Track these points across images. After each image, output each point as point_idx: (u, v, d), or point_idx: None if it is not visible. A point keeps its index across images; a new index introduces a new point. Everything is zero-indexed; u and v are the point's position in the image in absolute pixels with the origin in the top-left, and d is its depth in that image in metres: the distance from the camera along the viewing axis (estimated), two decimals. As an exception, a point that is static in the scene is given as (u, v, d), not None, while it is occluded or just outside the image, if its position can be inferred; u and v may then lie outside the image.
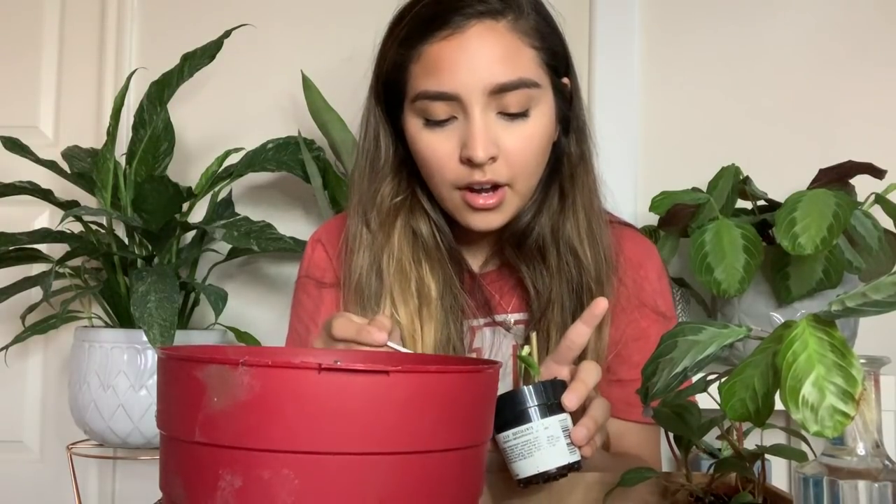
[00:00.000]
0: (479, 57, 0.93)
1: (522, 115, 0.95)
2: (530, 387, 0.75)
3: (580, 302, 1.01)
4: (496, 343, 1.06)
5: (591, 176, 1.05)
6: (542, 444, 0.74)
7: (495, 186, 0.96)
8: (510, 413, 0.74)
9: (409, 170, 1.04)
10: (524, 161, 0.96)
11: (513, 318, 1.07)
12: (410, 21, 0.98)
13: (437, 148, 0.96)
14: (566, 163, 1.04)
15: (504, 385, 1.02)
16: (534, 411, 0.74)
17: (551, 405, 0.75)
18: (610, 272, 1.04)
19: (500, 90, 0.93)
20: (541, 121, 0.97)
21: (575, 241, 1.02)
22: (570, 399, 0.75)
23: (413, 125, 0.98)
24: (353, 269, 1.03)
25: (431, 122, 0.96)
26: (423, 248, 1.03)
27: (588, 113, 1.08)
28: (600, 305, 0.82)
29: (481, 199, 0.96)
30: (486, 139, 0.93)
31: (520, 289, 1.06)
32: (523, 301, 1.06)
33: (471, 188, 0.96)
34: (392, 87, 1.01)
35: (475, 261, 1.09)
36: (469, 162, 0.94)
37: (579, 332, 0.83)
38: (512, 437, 0.75)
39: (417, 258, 1.02)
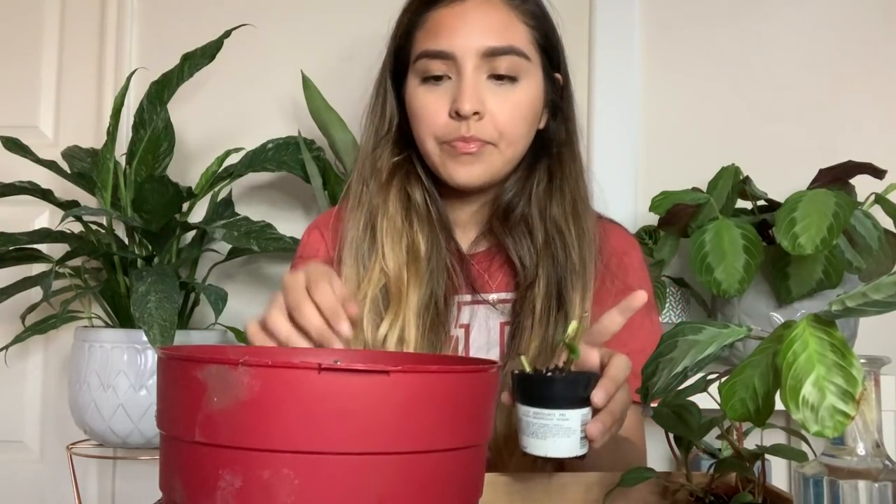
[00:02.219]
0: (475, 23, 1.03)
1: (510, 79, 1.04)
2: (567, 377, 0.78)
3: (563, 276, 1.06)
4: (482, 318, 1.10)
5: (576, 160, 1.12)
6: (558, 433, 0.76)
7: (479, 144, 1.03)
8: (540, 392, 0.77)
9: (408, 139, 1.11)
10: (508, 124, 1.04)
11: (498, 296, 1.11)
12: None
13: (429, 103, 1.05)
14: (553, 147, 1.11)
15: (491, 357, 1.07)
16: (563, 401, 0.76)
17: (580, 399, 0.77)
18: (594, 253, 1.09)
19: (492, 53, 1.02)
20: (527, 92, 1.05)
21: (560, 221, 1.08)
22: (599, 396, 0.77)
23: (412, 85, 1.07)
24: (349, 226, 1.10)
25: (428, 81, 1.05)
26: (416, 212, 1.10)
27: (583, 111, 1.15)
28: (638, 298, 0.84)
29: (462, 146, 1.03)
30: (474, 95, 1.02)
31: (506, 268, 1.11)
32: (510, 280, 1.10)
33: (452, 143, 1.04)
34: (400, 55, 1.10)
35: (465, 240, 1.14)
36: (457, 115, 1.02)
37: (613, 321, 0.85)
38: (532, 415, 0.77)
39: (410, 219, 1.09)
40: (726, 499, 0.75)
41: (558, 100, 1.10)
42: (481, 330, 1.09)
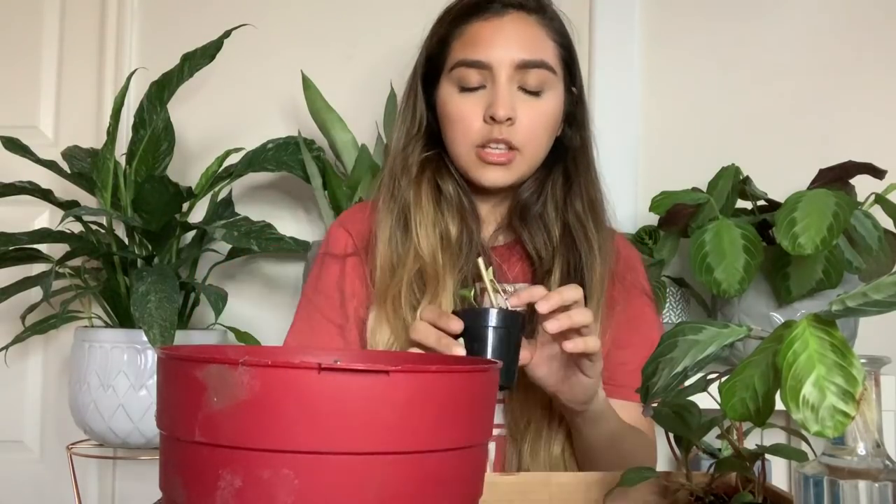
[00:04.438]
0: (510, 36, 1.12)
1: (538, 93, 1.12)
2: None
3: (582, 265, 1.13)
4: (500, 305, 1.13)
5: (591, 166, 1.20)
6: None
7: (508, 148, 1.11)
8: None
9: (437, 139, 1.18)
10: (534, 132, 1.12)
11: (515, 286, 1.14)
12: (458, 8, 1.16)
13: (465, 110, 1.12)
14: (569, 153, 1.18)
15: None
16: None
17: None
18: (612, 252, 1.17)
19: (524, 66, 1.10)
20: (551, 102, 1.13)
21: (582, 216, 1.16)
22: (542, 306, 0.92)
23: (447, 92, 1.14)
24: (382, 222, 1.15)
25: (464, 88, 1.12)
26: (447, 202, 1.16)
27: (590, 116, 1.21)
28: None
29: (495, 155, 1.11)
30: (508, 102, 1.09)
31: (523, 262, 1.18)
32: (527, 272, 1.17)
33: (485, 146, 1.11)
34: (433, 62, 1.17)
35: (485, 234, 1.19)
36: (492, 119, 1.09)
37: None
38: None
39: (441, 210, 1.16)
40: (726, 499, 0.75)
41: (574, 110, 1.18)
42: None
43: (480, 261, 0.98)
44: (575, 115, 1.19)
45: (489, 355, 0.92)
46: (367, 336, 1.12)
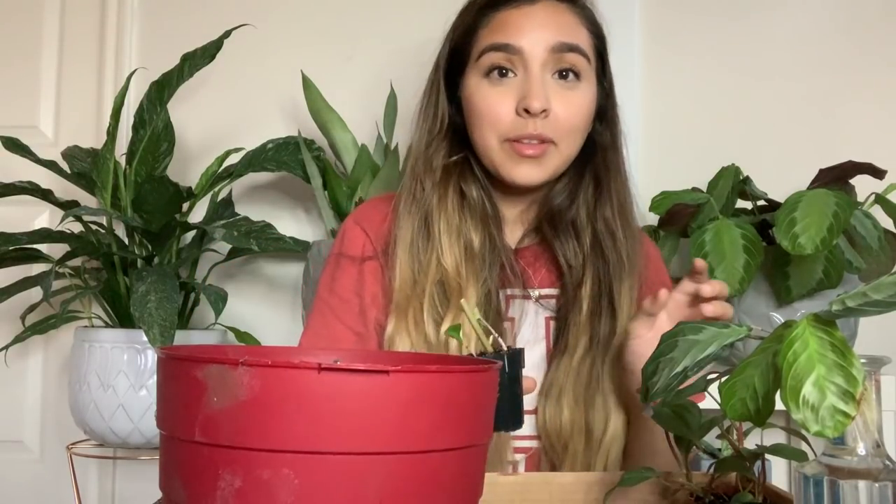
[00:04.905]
0: (544, 22, 1.06)
1: (575, 78, 1.06)
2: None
3: (613, 275, 1.09)
4: (528, 313, 1.12)
5: (621, 166, 1.14)
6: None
7: (542, 141, 1.04)
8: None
9: (461, 137, 1.12)
10: (570, 124, 1.06)
11: (541, 291, 1.13)
12: None
13: (494, 101, 1.05)
14: (599, 151, 1.13)
15: (536, 350, 1.10)
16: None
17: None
18: (642, 256, 1.13)
19: (559, 49, 1.04)
20: (586, 93, 1.08)
21: (611, 222, 1.11)
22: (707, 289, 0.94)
23: (474, 82, 1.08)
24: (403, 223, 1.10)
25: (493, 78, 1.06)
26: (470, 209, 1.11)
27: (620, 112, 1.16)
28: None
29: (529, 149, 1.05)
30: (542, 93, 1.03)
31: (550, 265, 1.13)
32: (553, 276, 1.13)
33: (518, 140, 1.04)
34: (458, 53, 1.11)
35: (512, 236, 1.15)
36: (525, 112, 1.03)
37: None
38: None
39: (465, 216, 1.10)
40: (726, 499, 0.75)
41: (605, 104, 1.13)
42: (530, 324, 1.11)
43: (463, 302, 0.93)
44: (605, 109, 1.13)
45: (503, 406, 0.84)
46: (385, 346, 1.07)
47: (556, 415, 1.04)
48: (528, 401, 1.04)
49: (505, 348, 0.86)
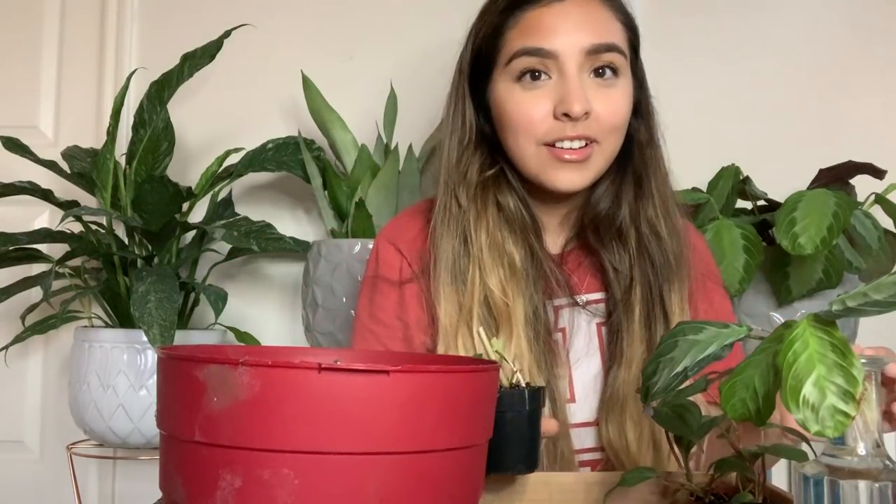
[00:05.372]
0: (577, 21, 1.00)
1: (613, 74, 1.02)
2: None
3: (662, 278, 1.05)
4: (579, 322, 1.08)
5: (662, 161, 1.10)
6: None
7: (585, 142, 1.00)
8: None
9: (492, 145, 1.08)
10: (612, 122, 1.01)
11: (588, 297, 1.09)
12: None
13: (530, 106, 1.00)
14: (636, 148, 1.08)
15: (591, 363, 1.06)
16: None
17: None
18: (688, 250, 1.08)
19: (595, 51, 1.00)
20: (625, 88, 1.03)
21: (655, 222, 1.06)
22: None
23: (504, 87, 1.03)
24: (442, 244, 1.05)
25: (525, 82, 1.01)
26: (508, 220, 1.06)
27: (654, 103, 1.12)
28: None
29: (569, 154, 1.00)
30: (582, 95, 0.98)
31: (594, 269, 1.09)
32: (599, 281, 1.09)
33: (557, 144, 1.00)
34: (483, 58, 1.06)
35: (554, 243, 1.11)
36: (565, 116, 0.98)
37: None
38: None
39: (504, 230, 1.06)
40: (726, 499, 0.75)
41: (640, 96, 1.09)
42: (583, 335, 1.07)
43: (482, 330, 0.88)
44: (640, 102, 1.08)
45: (513, 446, 0.80)
46: None
47: (620, 432, 1.00)
48: (589, 412, 1.03)
49: (524, 384, 0.81)
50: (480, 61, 1.06)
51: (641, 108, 1.09)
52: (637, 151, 1.07)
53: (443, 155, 1.10)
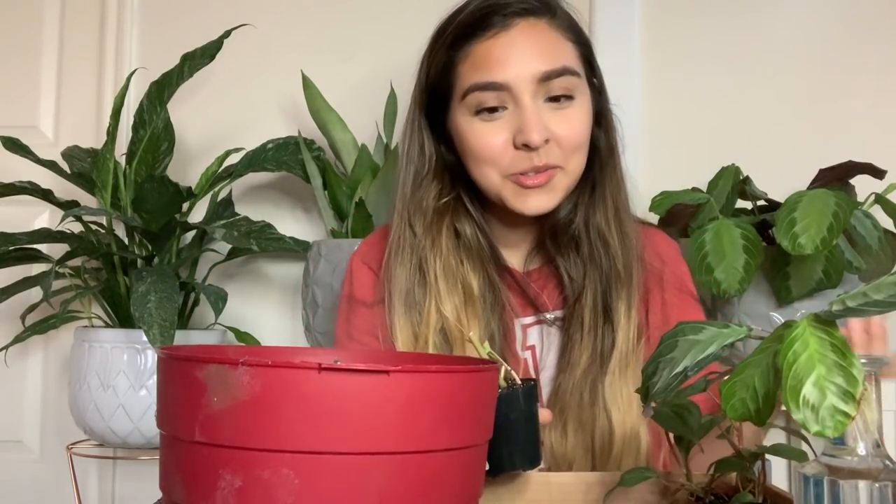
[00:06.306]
0: (526, 49, 1.00)
1: (568, 98, 1.01)
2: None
3: (609, 285, 1.05)
4: (547, 340, 1.08)
5: (618, 168, 1.10)
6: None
7: (548, 169, 1.00)
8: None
9: (452, 173, 1.08)
10: (574, 144, 1.02)
11: (554, 315, 1.08)
12: (455, 28, 1.04)
13: (489, 138, 1.01)
14: (597, 156, 1.08)
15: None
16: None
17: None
18: (636, 258, 1.07)
19: (547, 77, 0.99)
20: (583, 107, 1.03)
21: (603, 229, 1.06)
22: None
23: (463, 121, 1.03)
24: (397, 273, 1.06)
25: (483, 115, 1.01)
26: (465, 247, 1.07)
27: (610, 103, 1.12)
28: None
29: (532, 181, 1.00)
30: (539, 124, 0.98)
31: (560, 284, 1.08)
32: (558, 297, 1.09)
33: (523, 173, 1.00)
34: (438, 92, 1.06)
35: (517, 260, 1.12)
36: (525, 147, 0.99)
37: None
38: None
39: (459, 258, 1.06)
40: (726, 499, 0.75)
41: (600, 104, 1.09)
42: (552, 349, 1.07)
43: (472, 335, 0.87)
44: (601, 110, 1.08)
45: (517, 444, 0.80)
46: None
47: (561, 441, 1.01)
48: None
49: (519, 382, 0.81)
50: (437, 94, 1.06)
51: (602, 119, 1.09)
52: (597, 159, 1.08)
53: (398, 187, 1.09)
